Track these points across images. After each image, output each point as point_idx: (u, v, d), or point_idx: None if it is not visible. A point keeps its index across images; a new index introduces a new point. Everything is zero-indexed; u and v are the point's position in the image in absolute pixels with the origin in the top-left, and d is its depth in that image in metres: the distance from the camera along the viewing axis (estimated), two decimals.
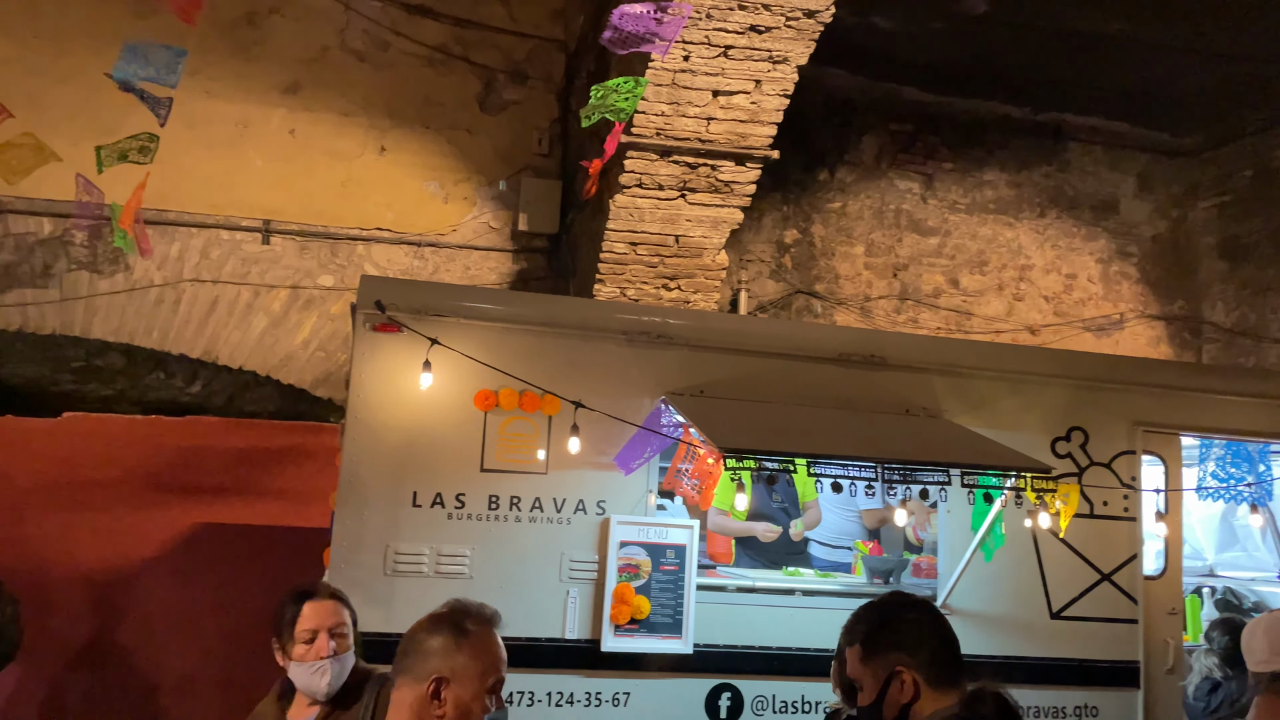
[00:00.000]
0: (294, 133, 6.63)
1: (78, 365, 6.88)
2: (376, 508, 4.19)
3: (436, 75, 6.89)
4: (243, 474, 6.72)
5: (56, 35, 6.24)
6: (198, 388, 7.11)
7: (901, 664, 2.21)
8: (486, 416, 4.36)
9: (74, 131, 5.93)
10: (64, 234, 6.17)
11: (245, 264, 6.49)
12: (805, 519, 5.29)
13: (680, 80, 5.39)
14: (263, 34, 6.59)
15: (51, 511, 6.34)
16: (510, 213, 6.97)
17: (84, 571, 6.35)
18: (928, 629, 2.31)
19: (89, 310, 6.22)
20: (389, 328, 4.28)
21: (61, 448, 6.46)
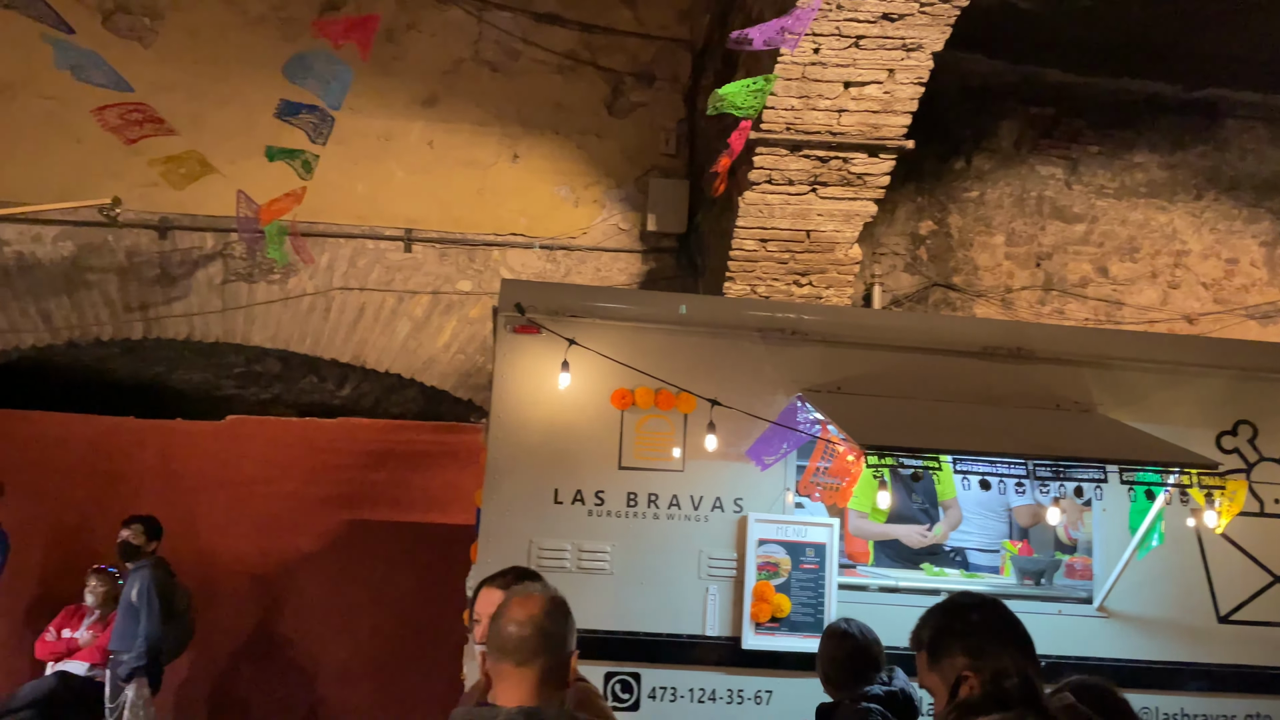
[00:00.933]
0: (432, 144, 6.87)
1: (238, 371, 7.32)
2: (520, 504, 4.31)
3: (565, 81, 7.02)
4: (390, 473, 7.02)
5: (215, 61, 6.64)
6: (347, 390, 7.46)
7: (968, 669, 2.07)
8: (623, 415, 4.42)
9: (232, 151, 6.33)
10: (225, 248, 6.57)
11: (389, 271, 6.76)
12: (947, 519, 5.13)
13: (810, 73, 5.32)
14: (401, 49, 6.85)
15: (218, 508, 6.78)
16: (639, 214, 7.04)
17: (247, 565, 6.77)
18: (992, 629, 2.16)
19: (248, 319, 6.60)
20: (529, 329, 4.39)
21: (226, 448, 6.90)
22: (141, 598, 5.29)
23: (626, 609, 4.23)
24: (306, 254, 6.31)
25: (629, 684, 4.14)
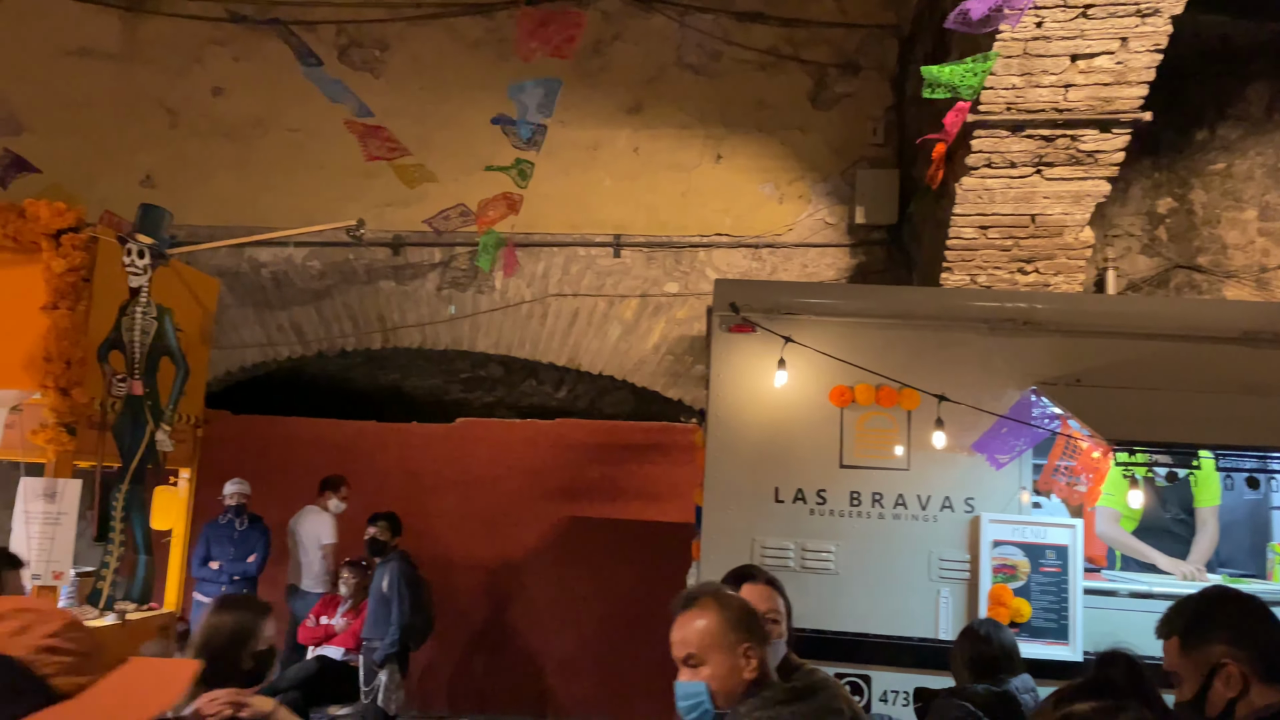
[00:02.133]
0: (638, 150, 7.02)
1: (465, 376, 7.74)
2: (741, 503, 4.32)
3: (768, 78, 6.98)
4: (607, 471, 7.23)
5: (435, 86, 7.07)
6: (564, 393, 7.73)
7: (1228, 656, 2.03)
8: (843, 413, 4.34)
9: (455, 169, 6.72)
10: (450, 260, 6.97)
11: (600, 277, 6.96)
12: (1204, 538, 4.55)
13: (1033, 49, 5.05)
14: (606, 60, 7.04)
15: (450, 506, 7.20)
16: (846, 207, 6.90)
17: (478, 560, 7.14)
18: (1256, 618, 2.09)
19: (473, 327, 6.97)
20: (744, 328, 4.40)
21: (456, 449, 7.32)
22: (392, 589, 5.70)
23: (853, 610, 4.16)
24: (511, 265, 6.60)
25: (859, 686, 4.06)
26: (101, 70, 7.11)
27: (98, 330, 4.34)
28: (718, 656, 2.04)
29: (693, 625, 2.07)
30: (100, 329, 4.35)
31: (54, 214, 4.23)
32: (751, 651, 2.05)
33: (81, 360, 4.20)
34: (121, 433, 4.45)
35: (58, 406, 4.11)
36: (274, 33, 6.76)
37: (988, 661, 3.23)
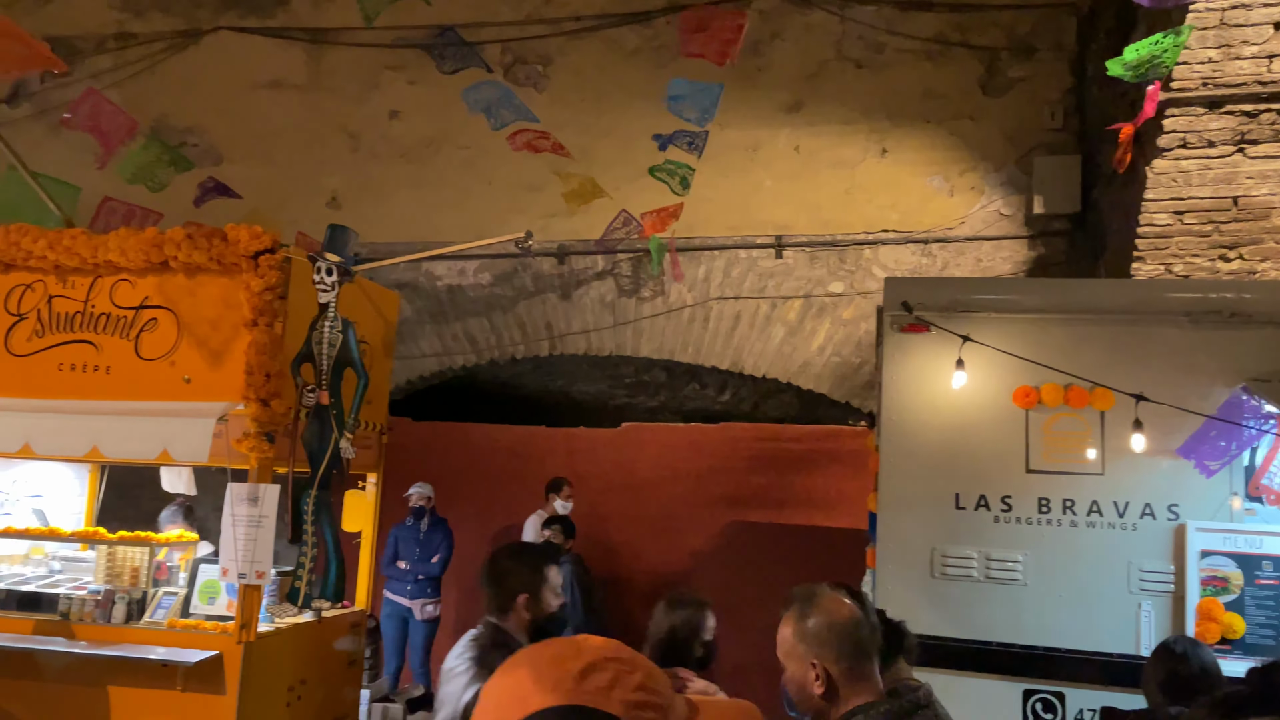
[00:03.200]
0: (799, 149, 6.91)
1: (629, 381, 7.83)
2: (918, 510, 4.16)
3: (935, 67, 6.73)
4: (772, 476, 7.14)
5: (597, 97, 7.18)
6: (727, 396, 7.70)
7: None
8: (1028, 415, 4.12)
9: (616, 178, 6.80)
10: (613, 268, 7.06)
11: (762, 279, 6.88)
12: None
13: (1231, 18, 4.66)
14: (765, 60, 6.96)
15: (618, 509, 7.29)
16: (1022, 196, 6.57)
17: (646, 563, 7.20)
18: None
19: (636, 332, 7.04)
20: (917, 328, 4.24)
21: (622, 454, 7.41)
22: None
23: (1044, 623, 3.93)
24: (677, 270, 6.61)
25: (1051, 704, 3.84)
26: (289, 101, 7.61)
27: (291, 344, 4.61)
28: (791, 664, 2.11)
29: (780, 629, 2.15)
30: (293, 343, 4.63)
31: (252, 237, 4.53)
32: (818, 667, 2.04)
33: (279, 373, 4.47)
34: (310, 440, 4.71)
35: (258, 416, 4.39)
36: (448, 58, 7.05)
37: (1184, 682, 2.98)
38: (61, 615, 4.43)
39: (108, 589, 4.50)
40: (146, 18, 7.79)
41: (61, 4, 7.77)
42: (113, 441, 4.34)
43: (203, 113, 7.62)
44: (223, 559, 4.32)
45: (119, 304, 4.61)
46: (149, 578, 4.62)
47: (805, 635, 2.09)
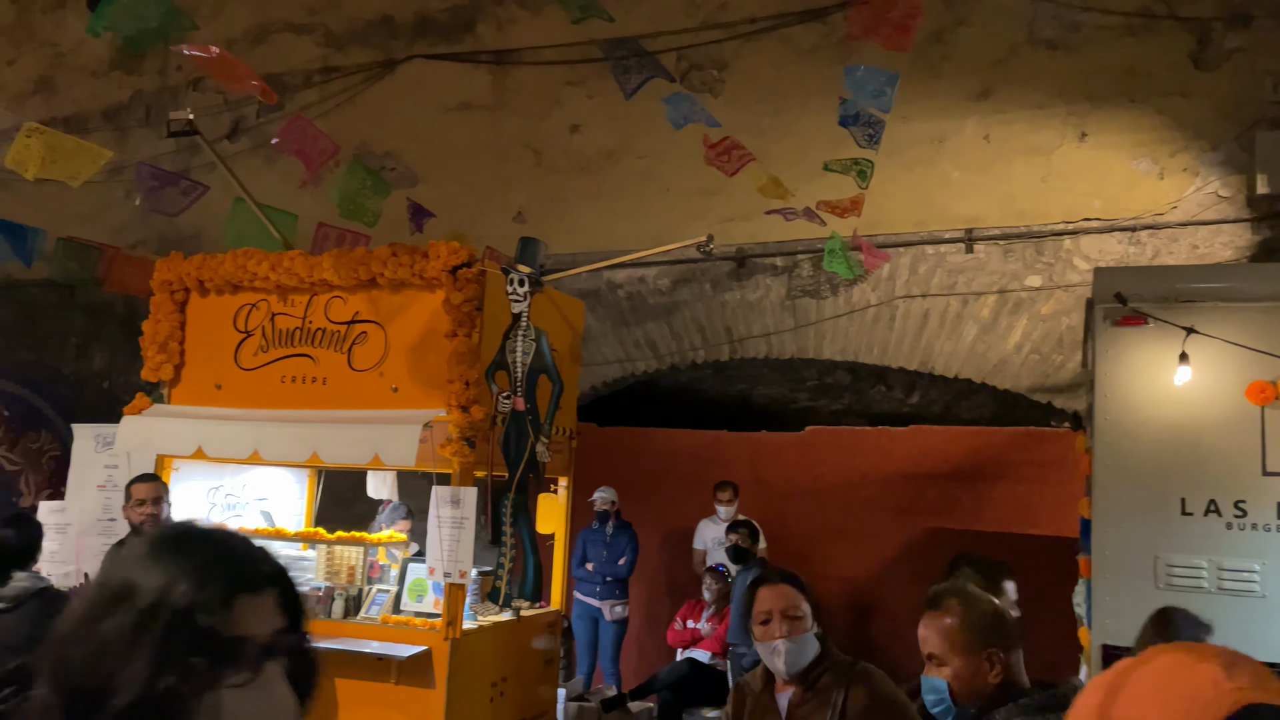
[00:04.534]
0: (988, 138, 6.61)
1: (811, 384, 7.70)
2: (1138, 516, 3.88)
3: (1138, 43, 6.29)
4: (968, 480, 6.84)
5: (772, 98, 7.12)
6: (916, 398, 7.45)
7: None
8: (1264, 412, 3.77)
9: (793, 178, 6.68)
10: (793, 268, 6.97)
11: (951, 275, 6.62)
12: None
13: None
14: (949, 48, 6.71)
15: (803, 514, 7.18)
16: (1243, 176, 6.02)
17: (834, 570, 7.05)
18: None
19: (818, 334, 6.91)
20: (1133, 320, 3.96)
21: (806, 458, 7.30)
22: None
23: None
24: (876, 258, 6.42)
25: None
26: (476, 121, 7.95)
27: (488, 353, 4.81)
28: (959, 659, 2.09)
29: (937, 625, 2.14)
30: (489, 352, 4.83)
31: (450, 253, 4.76)
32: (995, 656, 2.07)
33: (477, 381, 4.68)
34: (507, 445, 4.89)
35: (459, 423, 4.60)
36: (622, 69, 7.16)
37: None
38: None
39: (328, 586, 4.82)
40: (347, 52, 8.34)
41: (271, 45, 8.43)
42: (330, 447, 4.65)
43: (398, 138, 8.08)
44: (429, 558, 4.54)
45: (333, 319, 4.93)
46: (364, 575, 4.91)
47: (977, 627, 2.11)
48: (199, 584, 1.03)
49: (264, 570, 1.10)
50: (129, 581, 1.04)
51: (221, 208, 6.12)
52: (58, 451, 7.44)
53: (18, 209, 7.85)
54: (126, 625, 1.01)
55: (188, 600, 1.01)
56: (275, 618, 1.08)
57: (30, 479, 7.36)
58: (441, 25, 8.10)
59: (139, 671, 0.98)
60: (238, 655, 1.02)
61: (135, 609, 1.02)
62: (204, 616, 1.01)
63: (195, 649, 1.00)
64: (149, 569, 1.05)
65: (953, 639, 2.11)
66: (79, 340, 9.08)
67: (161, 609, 1.01)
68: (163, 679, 0.98)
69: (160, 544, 1.09)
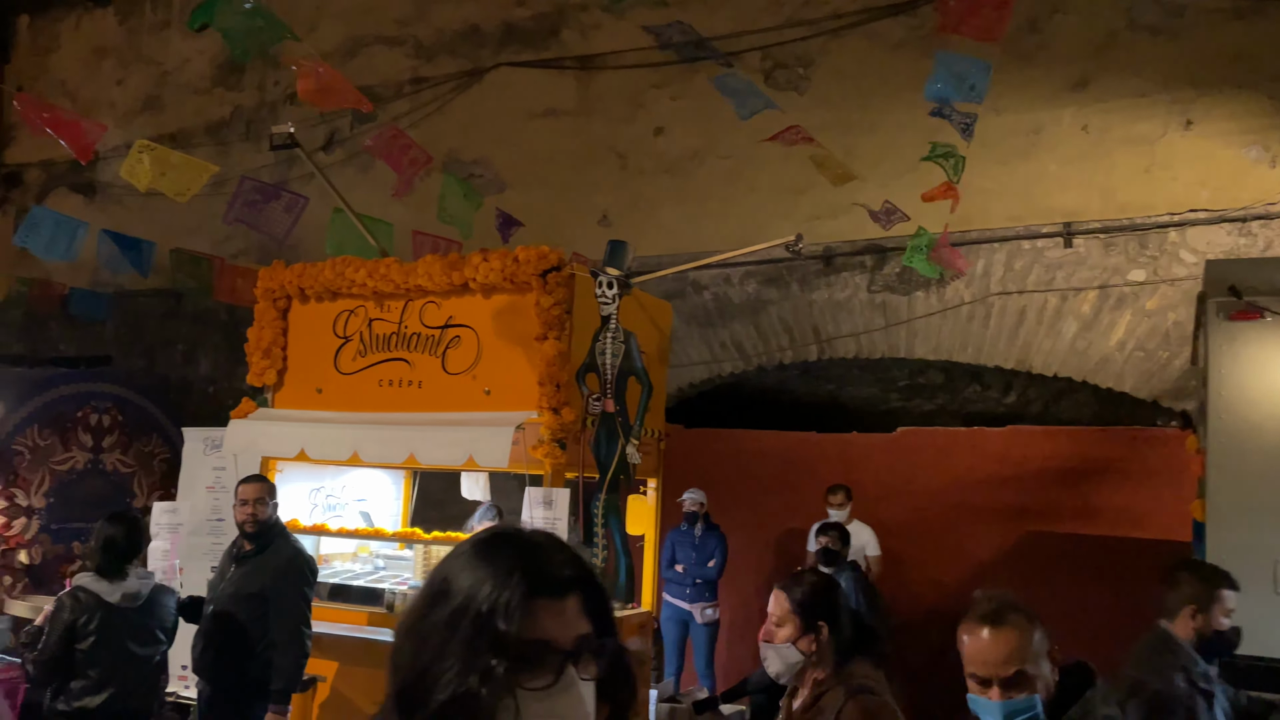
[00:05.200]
0: (1086, 128, 6.40)
1: (903, 384, 7.56)
2: (1258, 519, 3.71)
3: (1247, 26, 6.01)
4: (1069, 481, 6.63)
5: (859, 94, 7.02)
6: (1012, 398, 7.25)
7: None
8: None
9: (883, 175, 6.61)
10: (883, 266, 6.86)
11: (1049, 270, 6.43)
12: None
13: None
14: (1044, 37, 6.52)
15: (896, 517, 7.05)
16: None
17: (928, 574, 6.90)
18: None
19: (909, 333, 6.78)
20: (1248, 314, 3.79)
21: (898, 459, 7.16)
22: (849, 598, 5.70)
23: None
24: (956, 262, 6.29)
25: None
26: (561, 127, 8.04)
27: (577, 356, 4.85)
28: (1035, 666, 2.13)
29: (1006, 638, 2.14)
30: (579, 354, 4.87)
31: (540, 257, 4.82)
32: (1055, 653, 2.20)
33: (567, 383, 4.72)
34: (598, 447, 4.92)
35: (551, 424, 4.65)
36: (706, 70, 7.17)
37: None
38: (387, 608, 4.89)
39: None
40: (436, 62, 8.52)
41: (364, 58, 8.66)
42: (426, 449, 4.74)
43: (486, 145, 8.21)
44: None
45: (427, 324, 5.04)
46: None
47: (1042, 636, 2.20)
48: (500, 587, 1.05)
49: (566, 574, 1.08)
50: (448, 580, 1.09)
51: (319, 217, 6.32)
52: (168, 454, 7.77)
53: (130, 223, 8.24)
54: (441, 623, 1.05)
55: (489, 603, 1.04)
56: (579, 623, 1.07)
57: (142, 481, 7.70)
58: (527, 33, 8.21)
59: (450, 670, 1.02)
60: (537, 659, 1.03)
61: (449, 608, 1.06)
62: (503, 619, 1.03)
63: (495, 651, 1.02)
64: (464, 569, 1.08)
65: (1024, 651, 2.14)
66: (185, 347, 9.47)
67: (468, 610, 1.05)
68: (467, 679, 1.01)
69: (478, 545, 1.12)
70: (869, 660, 2.78)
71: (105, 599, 4.28)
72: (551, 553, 1.11)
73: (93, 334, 9.84)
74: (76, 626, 4.22)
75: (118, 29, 10.42)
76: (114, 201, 9.81)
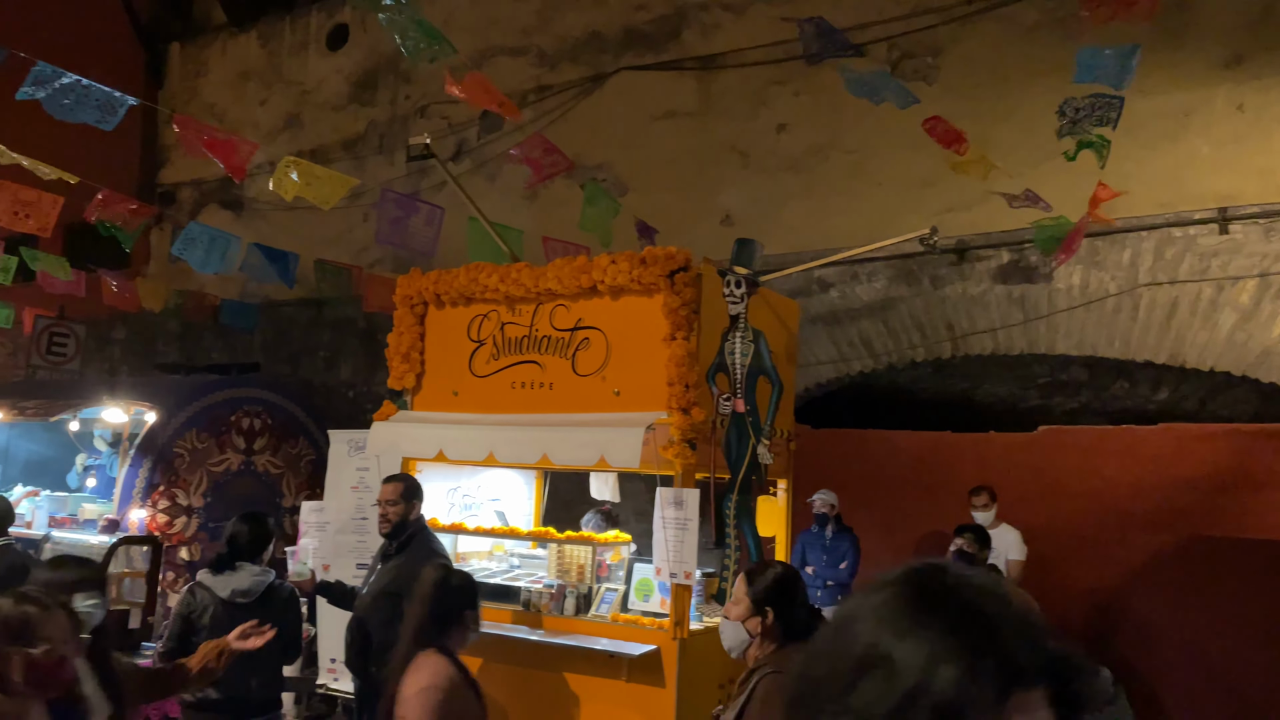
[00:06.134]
0: (1242, 108, 6.02)
1: (1043, 381, 7.26)
2: None
3: None
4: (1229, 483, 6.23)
5: (992, 81, 6.78)
6: (1164, 395, 6.87)
7: None
8: None
9: (1018, 163, 6.34)
10: (1020, 259, 6.60)
11: (1202, 259, 6.06)
12: None
13: None
14: (1191, 15, 6.16)
15: (1038, 520, 6.75)
16: None
17: (1075, 580, 6.59)
18: None
19: (1050, 328, 6.51)
20: None
21: (1040, 460, 6.86)
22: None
23: None
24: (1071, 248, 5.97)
25: None
26: (683, 128, 8.05)
27: (706, 356, 4.84)
28: None
29: None
30: (708, 354, 4.85)
31: (667, 258, 4.82)
32: None
33: (697, 383, 4.71)
34: (729, 447, 4.90)
35: (680, 425, 4.64)
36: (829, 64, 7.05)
37: None
38: (524, 606, 4.98)
39: (560, 583, 4.99)
40: (559, 70, 8.66)
41: (490, 68, 8.86)
42: (559, 450, 4.81)
43: (609, 149, 8.30)
44: (655, 559, 4.61)
45: (557, 327, 5.11)
46: (593, 574, 5.05)
47: None
48: (969, 671, 0.84)
49: (1039, 659, 0.87)
50: (878, 647, 0.88)
51: (450, 226, 6.50)
52: (313, 456, 8.14)
53: (274, 236, 8.67)
54: (883, 706, 0.86)
55: (957, 693, 0.84)
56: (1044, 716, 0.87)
57: (290, 481, 8.09)
58: (648, 36, 8.26)
59: None
60: None
61: (894, 688, 0.85)
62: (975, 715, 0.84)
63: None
64: (903, 635, 0.87)
65: None
66: (326, 354, 9.91)
67: (924, 696, 0.84)
68: None
69: (911, 603, 0.90)
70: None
71: (217, 593, 4.43)
72: (1016, 624, 0.88)
73: (242, 342, 10.40)
74: (192, 619, 4.38)
75: (260, 51, 11.00)
76: (259, 216, 10.36)
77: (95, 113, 4.69)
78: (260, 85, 10.94)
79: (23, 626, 2.38)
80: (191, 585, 4.58)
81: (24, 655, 2.34)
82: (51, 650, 2.39)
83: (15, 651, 2.34)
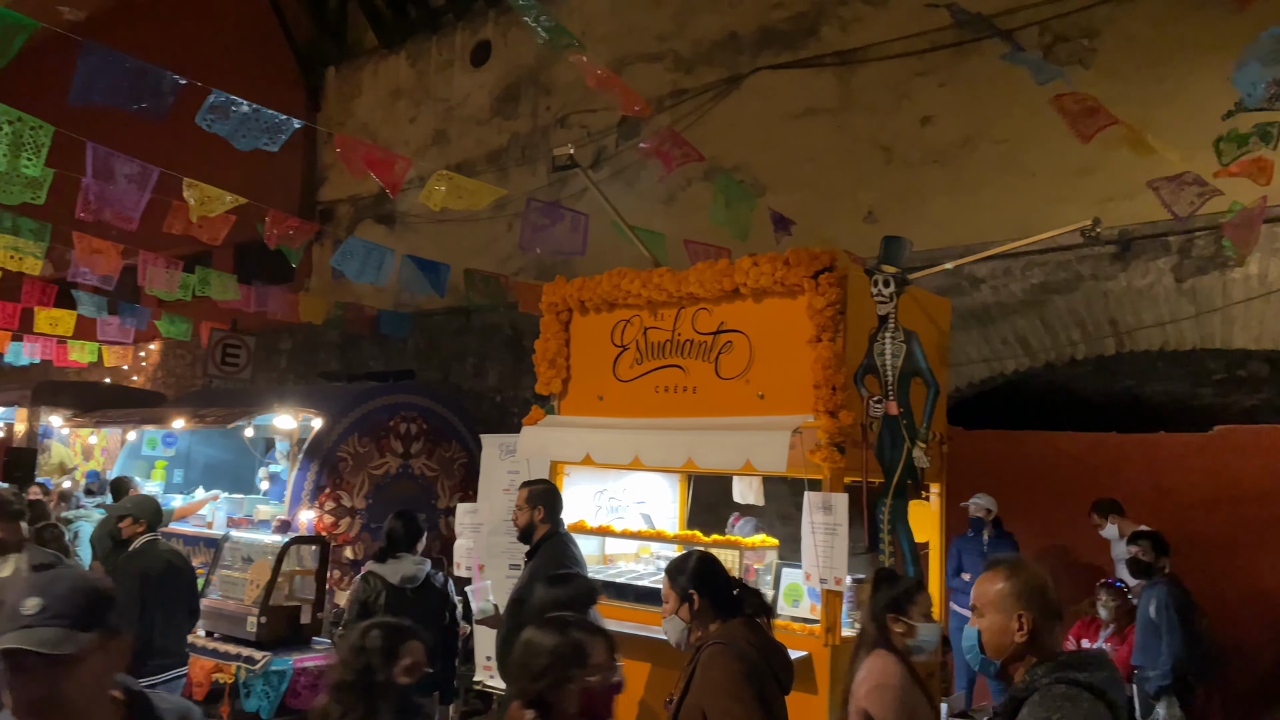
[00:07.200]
0: None
1: (1218, 378, 6.80)
2: None
3: None
4: None
5: (1153, 62, 6.40)
6: None
7: None
8: None
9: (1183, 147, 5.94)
10: (1190, 248, 6.20)
11: None
12: None
13: None
14: None
15: (1215, 525, 6.32)
16: None
17: (1260, 589, 6.14)
18: None
19: (1225, 320, 6.08)
20: None
21: (1217, 461, 6.42)
22: (1161, 615, 5.20)
23: None
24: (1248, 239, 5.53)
25: None
26: (821, 125, 7.92)
27: (854, 357, 4.74)
28: (994, 615, 2.37)
29: (986, 584, 2.44)
30: (855, 356, 4.75)
31: (811, 258, 4.75)
32: (1025, 619, 2.32)
33: (844, 385, 4.62)
34: (882, 450, 4.77)
35: (828, 428, 4.56)
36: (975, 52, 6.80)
37: None
38: None
39: None
40: (695, 73, 8.68)
41: (628, 75, 8.96)
42: (704, 453, 4.81)
43: (746, 149, 8.26)
44: (805, 564, 4.55)
45: (700, 330, 5.12)
46: (740, 578, 5.02)
47: (1017, 591, 2.35)
48: None
49: None
50: None
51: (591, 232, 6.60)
52: (465, 459, 8.42)
53: (424, 248, 9.02)
54: None
55: None
56: None
57: (445, 483, 8.40)
58: (785, 34, 8.18)
59: None
60: None
61: None
62: None
63: None
64: None
65: (988, 596, 2.39)
66: (475, 360, 10.24)
67: None
68: None
69: None
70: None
71: (388, 580, 4.77)
72: None
73: (396, 350, 10.88)
74: (368, 603, 4.74)
75: (409, 71, 11.48)
76: (410, 230, 10.81)
77: (263, 136, 5.00)
78: (410, 103, 11.41)
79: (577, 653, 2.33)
80: (365, 574, 4.93)
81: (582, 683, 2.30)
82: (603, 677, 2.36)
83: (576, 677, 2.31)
